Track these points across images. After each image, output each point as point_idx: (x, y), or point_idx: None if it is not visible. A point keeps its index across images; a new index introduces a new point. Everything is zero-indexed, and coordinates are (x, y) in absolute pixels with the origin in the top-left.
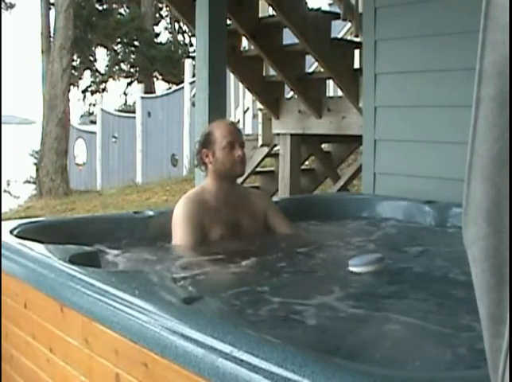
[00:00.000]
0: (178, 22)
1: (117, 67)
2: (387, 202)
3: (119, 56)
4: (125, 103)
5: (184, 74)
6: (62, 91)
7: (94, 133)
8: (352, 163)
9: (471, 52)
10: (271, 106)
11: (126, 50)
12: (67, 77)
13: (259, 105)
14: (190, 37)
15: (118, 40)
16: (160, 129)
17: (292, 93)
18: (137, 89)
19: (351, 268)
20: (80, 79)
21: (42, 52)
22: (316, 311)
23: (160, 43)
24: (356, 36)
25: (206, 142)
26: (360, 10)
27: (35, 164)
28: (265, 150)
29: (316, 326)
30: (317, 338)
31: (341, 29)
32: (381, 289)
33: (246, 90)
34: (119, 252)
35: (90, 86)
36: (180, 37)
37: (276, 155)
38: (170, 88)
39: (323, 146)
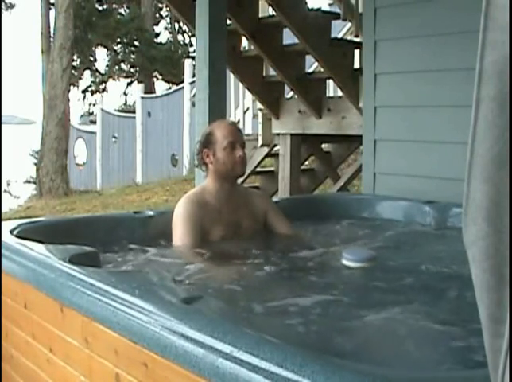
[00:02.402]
0: (178, 22)
1: (117, 67)
2: (387, 202)
3: (119, 56)
4: (125, 103)
5: (184, 74)
6: (62, 91)
7: (94, 133)
8: (352, 163)
9: (471, 52)
10: (271, 106)
11: (126, 50)
12: (67, 77)
13: (259, 105)
14: (190, 37)
15: (118, 40)
16: (160, 129)
17: (292, 93)
18: (137, 89)
19: (345, 262)
20: (80, 79)
21: (42, 52)
22: (316, 309)
23: (160, 43)
24: (356, 36)
25: (207, 142)
26: (360, 10)
27: (35, 164)
28: (265, 150)
29: (316, 324)
30: (316, 336)
31: (341, 29)
32: (372, 285)
33: (246, 90)
34: (119, 252)
35: (90, 86)
36: (180, 37)
37: (276, 155)
38: (170, 88)
39: (323, 146)
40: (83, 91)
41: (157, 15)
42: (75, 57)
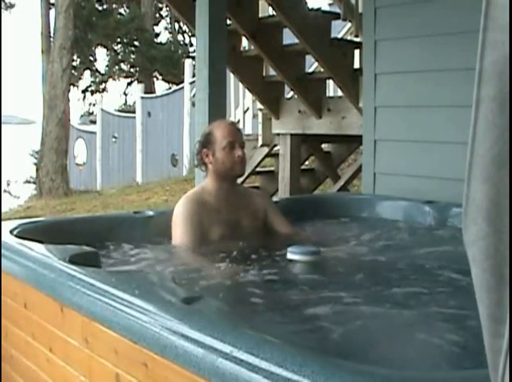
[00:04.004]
0: (178, 22)
1: (117, 67)
2: (387, 202)
3: (119, 56)
4: (125, 103)
5: (184, 74)
6: (62, 91)
7: (94, 133)
8: (352, 163)
9: (471, 52)
10: (271, 106)
11: (126, 50)
12: (67, 77)
13: (259, 105)
14: (190, 37)
15: (118, 40)
16: (160, 129)
17: (292, 93)
18: (137, 89)
19: (289, 256)
20: (80, 79)
21: (42, 52)
22: (316, 309)
23: (160, 43)
24: (356, 36)
25: (206, 142)
26: (360, 10)
27: (35, 164)
28: (265, 150)
29: (317, 323)
30: (319, 336)
31: (341, 29)
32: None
33: (246, 90)
34: (119, 252)
35: (90, 86)
36: (180, 37)
37: (276, 155)
38: (170, 88)
39: (323, 146)
40: (83, 91)
41: (157, 15)
42: (75, 57)
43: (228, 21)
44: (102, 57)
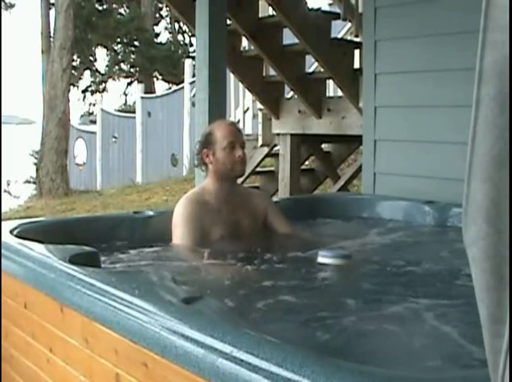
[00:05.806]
0: (178, 22)
1: (117, 67)
2: (387, 202)
3: (119, 56)
4: (125, 103)
5: (184, 74)
6: (62, 91)
7: (94, 133)
8: (352, 163)
9: (471, 52)
10: (271, 106)
11: (126, 50)
12: (67, 77)
13: (259, 105)
14: (190, 37)
15: (118, 40)
16: (160, 129)
17: (292, 93)
18: (137, 89)
19: (320, 259)
20: (80, 79)
21: (42, 52)
22: (315, 309)
23: (160, 43)
24: (356, 36)
25: (206, 142)
26: (360, 10)
27: (35, 164)
28: (265, 150)
29: (315, 324)
30: (312, 335)
31: (341, 29)
32: (349, 282)
33: (246, 90)
34: (119, 252)
35: (90, 86)
36: (180, 37)
37: (276, 155)
38: (170, 88)
39: (323, 146)
40: (83, 91)
41: (157, 15)
42: (75, 57)
43: (228, 21)
44: (102, 57)
